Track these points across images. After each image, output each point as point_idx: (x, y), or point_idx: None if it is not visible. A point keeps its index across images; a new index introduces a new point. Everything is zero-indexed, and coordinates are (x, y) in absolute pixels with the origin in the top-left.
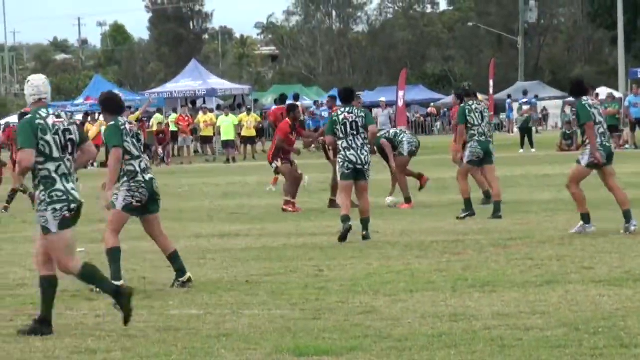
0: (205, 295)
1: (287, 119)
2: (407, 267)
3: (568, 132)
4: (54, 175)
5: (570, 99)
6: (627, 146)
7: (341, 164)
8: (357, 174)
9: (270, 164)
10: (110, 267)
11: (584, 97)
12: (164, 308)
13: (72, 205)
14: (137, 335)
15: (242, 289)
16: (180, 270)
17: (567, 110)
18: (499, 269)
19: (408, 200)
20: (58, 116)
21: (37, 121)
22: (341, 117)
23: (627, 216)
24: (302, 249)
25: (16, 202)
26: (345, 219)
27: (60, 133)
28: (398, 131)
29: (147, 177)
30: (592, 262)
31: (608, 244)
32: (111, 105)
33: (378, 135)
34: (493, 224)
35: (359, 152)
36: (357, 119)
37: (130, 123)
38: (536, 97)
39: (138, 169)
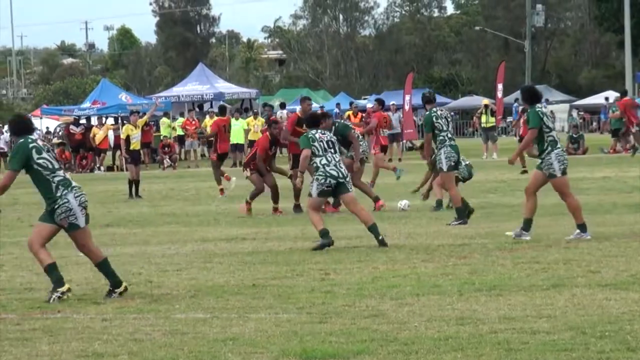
0: (211, 299)
1: (266, 133)
2: (413, 271)
3: (575, 135)
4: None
5: (578, 102)
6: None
7: (322, 180)
8: (340, 187)
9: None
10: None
11: (538, 105)
12: (170, 312)
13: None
14: (143, 339)
15: (249, 292)
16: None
17: (574, 113)
18: (505, 273)
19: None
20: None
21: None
22: (317, 135)
23: (582, 227)
24: (309, 252)
25: (24, 206)
26: (325, 233)
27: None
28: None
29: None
30: (598, 265)
31: (614, 248)
32: (18, 127)
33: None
34: (499, 228)
35: (337, 166)
36: (332, 139)
37: (44, 139)
38: (546, 100)
39: (67, 176)
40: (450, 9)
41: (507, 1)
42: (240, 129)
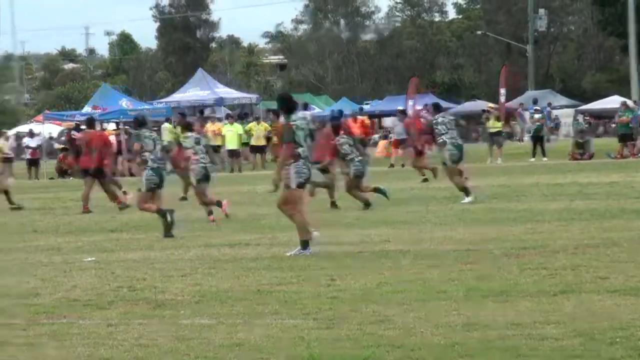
0: (216, 305)
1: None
2: (418, 277)
3: (581, 140)
4: None
5: (582, 107)
6: None
7: None
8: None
9: None
10: None
11: (293, 116)
12: (175, 317)
13: None
14: (149, 345)
15: (254, 298)
16: None
17: (580, 118)
18: (511, 279)
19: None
20: None
21: None
22: None
23: (304, 243)
24: (314, 258)
25: (27, 211)
26: None
27: None
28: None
29: None
30: (607, 271)
31: (623, 253)
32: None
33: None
34: (505, 234)
35: None
36: None
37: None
38: (549, 104)
39: None
40: (451, 14)
41: (509, 5)
42: (234, 134)
